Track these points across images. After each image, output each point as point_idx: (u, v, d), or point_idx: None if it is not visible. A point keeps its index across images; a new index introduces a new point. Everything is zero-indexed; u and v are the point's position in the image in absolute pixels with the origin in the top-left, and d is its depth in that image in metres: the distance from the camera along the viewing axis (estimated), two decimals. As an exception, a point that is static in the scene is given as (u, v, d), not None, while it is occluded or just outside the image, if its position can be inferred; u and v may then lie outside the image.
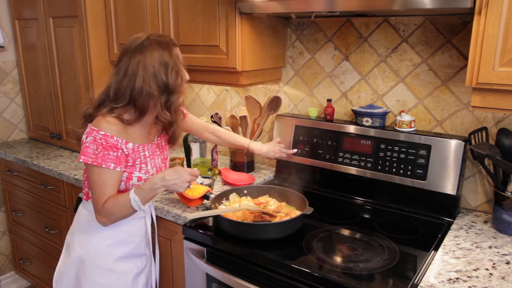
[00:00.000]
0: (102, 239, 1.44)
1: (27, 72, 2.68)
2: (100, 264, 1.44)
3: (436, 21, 1.61)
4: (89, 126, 1.33)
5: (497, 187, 1.47)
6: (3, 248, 2.82)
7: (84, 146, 1.32)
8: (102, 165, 1.30)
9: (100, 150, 1.30)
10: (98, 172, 1.32)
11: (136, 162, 1.40)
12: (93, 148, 1.30)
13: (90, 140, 1.31)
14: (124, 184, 1.40)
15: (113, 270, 1.45)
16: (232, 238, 1.43)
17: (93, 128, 1.31)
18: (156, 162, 1.48)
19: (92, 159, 1.30)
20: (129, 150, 1.36)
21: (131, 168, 1.39)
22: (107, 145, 1.31)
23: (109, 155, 1.31)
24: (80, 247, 1.44)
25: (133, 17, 2.05)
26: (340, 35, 1.85)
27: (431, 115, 1.70)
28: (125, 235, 1.47)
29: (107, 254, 1.44)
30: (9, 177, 2.58)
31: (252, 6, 1.61)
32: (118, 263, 1.46)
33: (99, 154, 1.30)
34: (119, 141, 1.33)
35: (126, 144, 1.35)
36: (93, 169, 1.32)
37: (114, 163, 1.32)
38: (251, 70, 1.82)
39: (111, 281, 1.45)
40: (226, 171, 2.01)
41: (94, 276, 1.43)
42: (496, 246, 1.37)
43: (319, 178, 1.89)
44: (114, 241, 1.45)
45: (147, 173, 1.43)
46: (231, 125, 2.03)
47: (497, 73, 1.19)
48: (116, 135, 1.32)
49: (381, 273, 1.24)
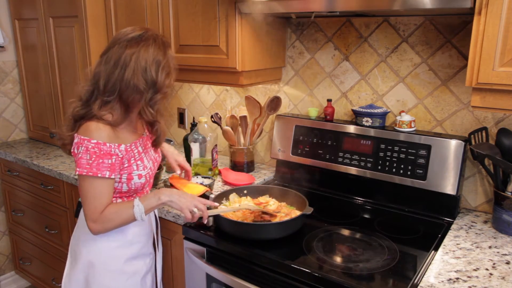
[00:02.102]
0: (110, 241, 1.42)
1: (27, 72, 2.68)
2: (110, 266, 1.42)
3: (436, 21, 1.61)
4: (77, 136, 1.29)
5: (497, 187, 1.47)
6: (3, 248, 2.82)
7: (78, 158, 1.28)
8: (98, 175, 1.27)
9: (94, 159, 1.27)
10: (93, 182, 1.29)
11: (131, 161, 1.38)
12: (86, 159, 1.27)
13: (82, 151, 1.27)
14: (127, 185, 1.39)
15: (123, 271, 1.44)
16: (232, 238, 1.43)
17: (83, 138, 1.28)
18: (150, 155, 1.48)
19: (87, 169, 1.27)
20: (123, 153, 1.34)
21: (129, 168, 1.38)
22: (101, 153, 1.28)
23: (103, 164, 1.28)
24: (87, 252, 1.42)
25: (133, 17, 2.05)
26: (340, 35, 1.85)
27: (431, 115, 1.70)
28: (132, 236, 1.46)
29: (116, 256, 1.43)
30: (9, 177, 2.58)
31: (252, 6, 1.61)
32: (127, 263, 1.45)
33: (93, 164, 1.27)
34: (112, 146, 1.30)
35: (118, 147, 1.32)
36: (87, 179, 1.29)
37: (109, 170, 1.29)
38: (251, 70, 1.82)
39: (121, 282, 1.44)
40: (226, 171, 2.01)
41: (104, 279, 1.42)
42: (496, 246, 1.37)
43: (319, 178, 1.89)
44: (122, 243, 1.44)
45: (145, 168, 1.42)
46: (231, 125, 2.03)
47: (497, 73, 1.19)
48: (108, 141, 1.29)
49: (381, 273, 1.24)
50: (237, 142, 2.05)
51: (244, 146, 2.05)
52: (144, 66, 1.27)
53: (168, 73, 1.33)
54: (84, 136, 1.28)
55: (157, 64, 1.29)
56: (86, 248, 1.43)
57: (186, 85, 2.45)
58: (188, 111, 2.49)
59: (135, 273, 1.47)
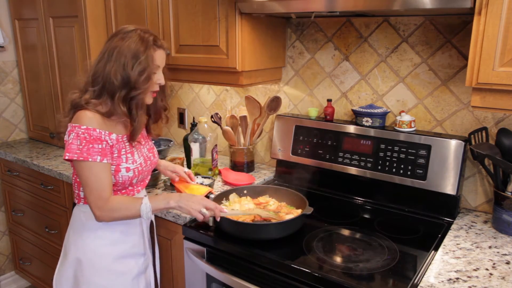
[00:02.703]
0: (97, 238, 1.42)
1: (27, 72, 2.68)
2: (98, 264, 1.43)
3: (436, 21, 1.61)
4: (70, 125, 1.32)
5: (497, 187, 1.47)
6: (3, 248, 2.82)
7: (68, 144, 1.30)
8: (89, 159, 1.29)
9: (84, 144, 1.29)
10: (87, 167, 1.30)
11: (122, 152, 1.39)
12: (77, 144, 1.29)
13: (73, 137, 1.30)
14: (114, 178, 1.38)
15: (111, 270, 1.44)
16: (232, 238, 1.43)
17: (74, 125, 1.30)
18: (142, 151, 1.48)
19: (78, 154, 1.28)
20: (113, 141, 1.35)
21: (118, 159, 1.38)
22: (91, 138, 1.30)
23: (93, 148, 1.30)
24: (76, 248, 1.43)
25: (133, 17, 2.05)
26: (340, 35, 1.85)
27: (431, 115, 1.70)
28: (120, 234, 1.46)
29: (104, 254, 1.43)
30: (9, 177, 2.58)
31: (252, 6, 1.61)
32: (116, 262, 1.45)
33: (83, 149, 1.28)
34: (102, 133, 1.32)
35: (109, 136, 1.34)
36: (80, 165, 1.30)
37: (100, 155, 1.31)
38: (251, 70, 1.82)
39: (109, 280, 1.44)
40: (226, 171, 2.01)
41: (92, 276, 1.42)
42: (496, 246, 1.37)
43: (319, 178, 1.89)
44: (110, 241, 1.44)
45: (135, 163, 1.42)
46: (231, 125, 2.03)
47: (497, 73, 1.19)
48: (98, 128, 1.31)
49: (381, 273, 1.24)
50: (237, 142, 2.05)
51: (244, 146, 2.05)
52: (123, 62, 1.29)
53: (144, 70, 1.31)
54: (75, 124, 1.31)
55: (134, 61, 1.30)
56: (75, 245, 1.44)
57: (186, 85, 2.45)
58: (188, 111, 2.49)
59: (125, 273, 1.47)
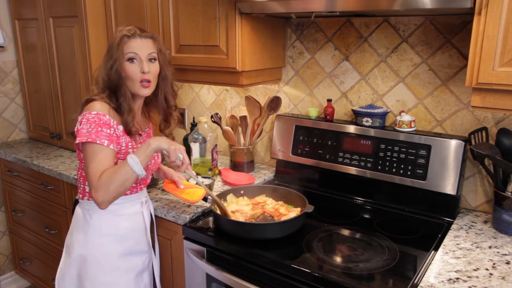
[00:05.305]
0: (102, 236, 1.43)
1: (27, 72, 2.68)
2: (102, 261, 1.43)
3: (436, 21, 1.61)
4: (80, 116, 1.37)
5: (497, 187, 1.47)
6: (3, 248, 2.82)
7: (78, 130, 1.33)
8: (96, 141, 1.30)
9: (93, 127, 1.31)
10: (93, 149, 1.30)
11: (129, 146, 1.41)
12: (86, 128, 1.31)
13: (83, 122, 1.33)
14: None
15: (116, 267, 1.44)
16: (232, 238, 1.43)
17: (84, 113, 1.34)
18: None
19: (87, 136, 1.30)
20: (120, 132, 1.38)
21: (125, 153, 1.40)
22: (100, 122, 1.32)
23: (102, 132, 1.31)
24: (80, 246, 1.43)
25: (133, 17, 2.05)
26: (340, 35, 1.85)
27: (431, 115, 1.70)
28: (125, 231, 1.46)
29: (109, 251, 1.44)
30: (9, 177, 2.58)
31: (252, 6, 1.61)
32: (121, 259, 1.45)
33: (92, 131, 1.30)
34: (111, 120, 1.35)
35: (117, 126, 1.37)
36: (87, 147, 1.31)
37: (108, 139, 1.32)
38: (251, 70, 1.82)
39: (114, 278, 1.44)
40: (226, 171, 2.01)
41: (97, 274, 1.42)
42: (496, 246, 1.37)
43: (319, 178, 1.89)
44: (114, 238, 1.44)
45: None
46: (231, 125, 2.03)
47: (497, 73, 1.19)
48: (108, 115, 1.35)
49: (381, 273, 1.24)
50: (237, 142, 2.05)
51: (244, 146, 2.05)
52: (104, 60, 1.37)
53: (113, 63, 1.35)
54: (86, 111, 1.35)
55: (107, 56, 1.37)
56: (79, 242, 1.44)
57: (186, 85, 2.45)
58: (188, 111, 2.49)
59: (130, 270, 1.47)
